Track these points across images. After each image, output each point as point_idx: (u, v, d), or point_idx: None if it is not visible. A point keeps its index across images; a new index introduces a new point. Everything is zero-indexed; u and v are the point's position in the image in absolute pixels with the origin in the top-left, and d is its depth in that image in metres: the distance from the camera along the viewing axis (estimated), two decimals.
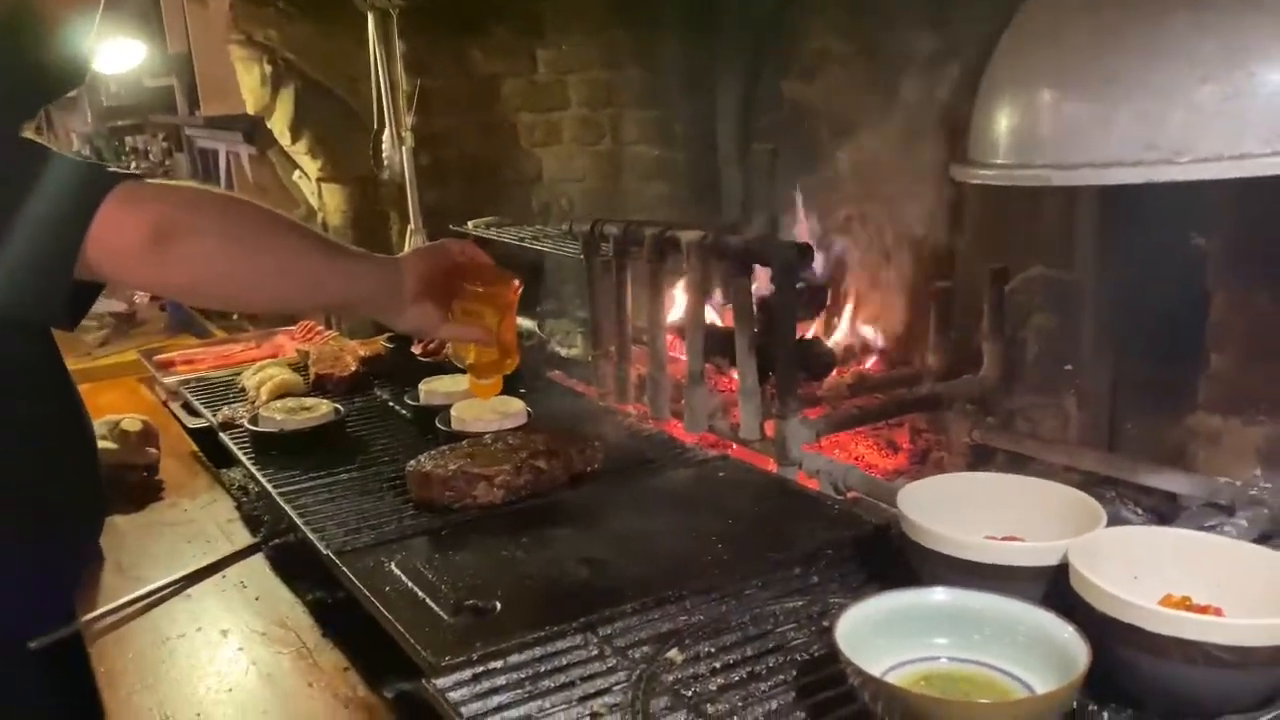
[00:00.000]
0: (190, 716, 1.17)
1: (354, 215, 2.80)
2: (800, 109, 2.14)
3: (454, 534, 1.36)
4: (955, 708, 0.83)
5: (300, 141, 2.70)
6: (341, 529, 1.39)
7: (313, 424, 1.72)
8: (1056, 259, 1.69)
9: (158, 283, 1.32)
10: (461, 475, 1.43)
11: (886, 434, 1.83)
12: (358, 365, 2.09)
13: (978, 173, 0.99)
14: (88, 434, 1.46)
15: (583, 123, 2.73)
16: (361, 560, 1.28)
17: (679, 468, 1.58)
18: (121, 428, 1.80)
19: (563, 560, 1.28)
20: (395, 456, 1.68)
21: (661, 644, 1.06)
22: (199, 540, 1.65)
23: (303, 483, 1.58)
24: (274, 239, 1.18)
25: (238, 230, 1.16)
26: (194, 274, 1.15)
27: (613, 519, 1.39)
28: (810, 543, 1.27)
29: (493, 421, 1.66)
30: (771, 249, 1.47)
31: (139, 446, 1.82)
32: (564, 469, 1.49)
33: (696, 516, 1.38)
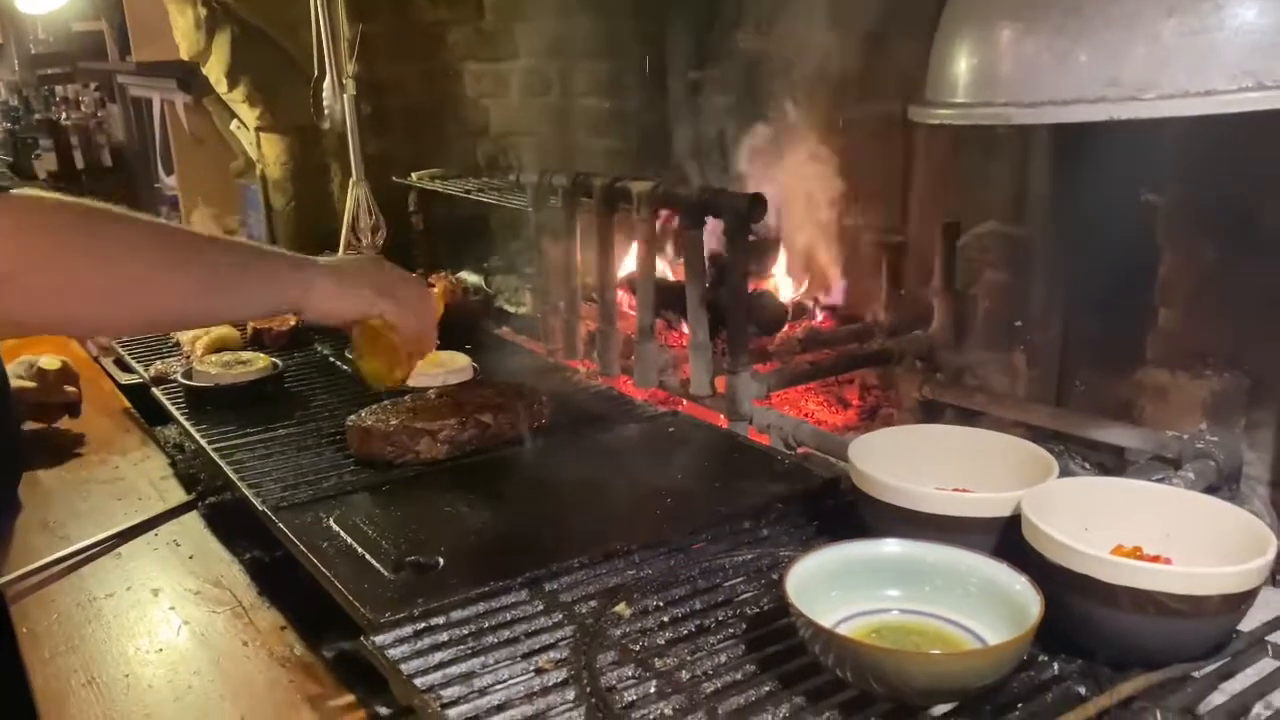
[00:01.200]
0: (117, 678, 1.13)
1: (294, 167, 2.71)
2: (753, 60, 2.10)
3: (395, 490, 1.32)
4: (906, 658, 0.82)
5: (237, 89, 2.61)
6: (279, 485, 1.34)
7: (249, 378, 1.67)
8: (1008, 214, 1.68)
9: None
10: (404, 430, 1.38)
11: (836, 390, 1.81)
12: (296, 319, 2.03)
13: (936, 113, 0.96)
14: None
15: (531, 73, 2.66)
16: (299, 516, 1.24)
17: (628, 423, 1.55)
18: (39, 366, 1.74)
19: (508, 516, 1.24)
20: (335, 412, 1.63)
21: (609, 599, 1.03)
22: (130, 498, 1.59)
23: (238, 439, 1.52)
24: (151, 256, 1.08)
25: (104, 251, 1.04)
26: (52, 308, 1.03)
27: (560, 475, 1.36)
28: (760, 497, 1.25)
29: (437, 376, 1.62)
30: (723, 200, 1.43)
31: (57, 385, 1.76)
32: (510, 424, 1.45)
33: (645, 472, 1.35)
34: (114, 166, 5.34)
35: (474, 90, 2.72)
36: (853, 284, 1.85)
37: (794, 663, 0.90)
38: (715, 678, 0.89)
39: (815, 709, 0.84)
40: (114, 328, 1.63)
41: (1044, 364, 1.67)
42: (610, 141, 2.55)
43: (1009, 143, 1.66)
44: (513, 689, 0.88)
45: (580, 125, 2.63)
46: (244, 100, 2.62)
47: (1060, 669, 0.89)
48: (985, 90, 0.86)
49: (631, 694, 0.87)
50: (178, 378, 1.70)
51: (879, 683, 0.82)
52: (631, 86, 2.46)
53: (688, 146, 2.34)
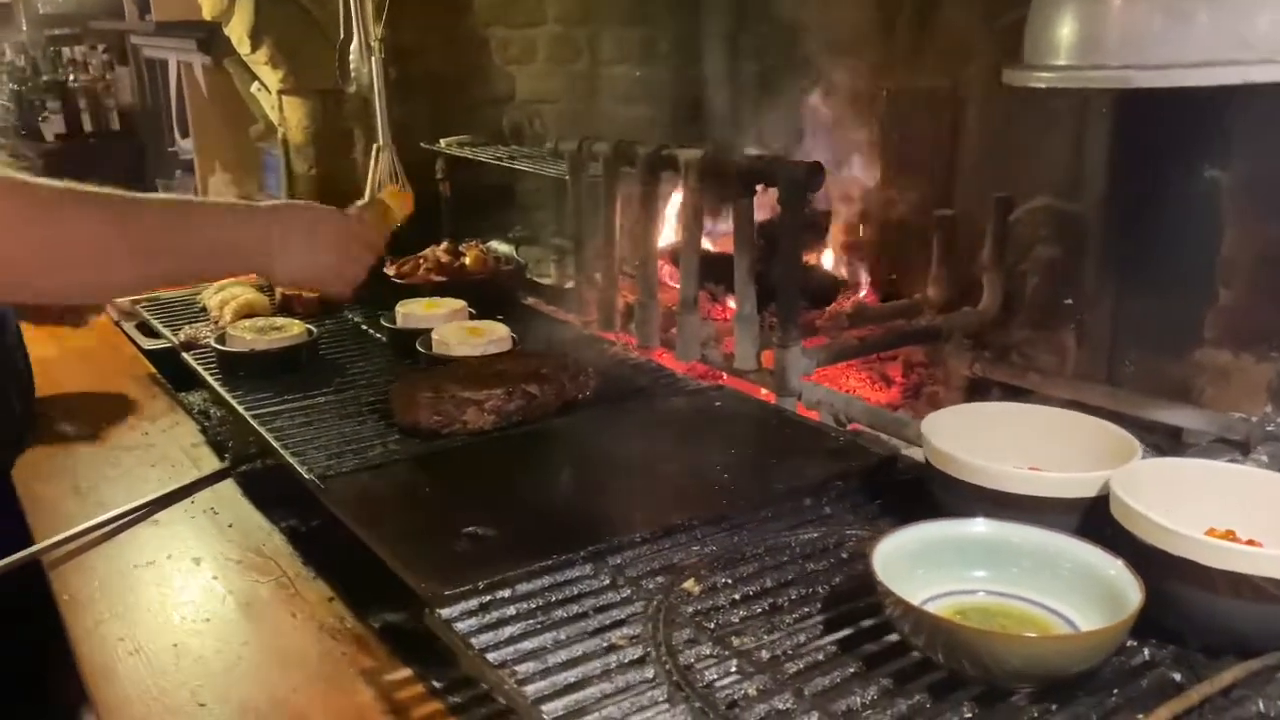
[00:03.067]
0: (165, 647, 1.10)
1: (316, 131, 2.66)
2: (793, 28, 2.06)
3: (443, 460, 1.29)
4: (1003, 640, 0.79)
5: (260, 50, 2.55)
6: (323, 454, 1.31)
7: (284, 344, 1.63)
8: (1062, 189, 1.64)
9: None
10: (450, 399, 1.35)
11: (878, 367, 1.78)
12: None
13: (1039, 75, 0.92)
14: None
15: (559, 40, 2.61)
16: (348, 486, 1.21)
17: (672, 396, 1.52)
18: None
19: (560, 488, 1.22)
20: (373, 380, 1.60)
21: (675, 575, 1.00)
22: (163, 465, 1.57)
23: (276, 406, 1.49)
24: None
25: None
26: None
27: (609, 447, 1.33)
28: (818, 473, 1.22)
29: (478, 345, 1.59)
30: (779, 168, 1.39)
31: None
32: (556, 395, 1.42)
33: (696, 446, 1.32)
34: (123, 129, 5.28)
35: (500, 56, 2.67)
36: (899, 259, 1.81)
37: (876, 643, 0.87)
38: (797, 658, 0.87)
39: (904, 690, 0.82)
40: (54, 296, 1.56)
41: (1094, 343, 1.64)
42: (640, 110, 2.51)
43: (1065, 116, 1.63)
44: (588, 666, 0.86)
45: (608, 93, 2.58)
46: (266, 62, 2.57)
47: (1151, 654, 0.87)
48: (1096, 52, 0.82)
49: (712, 673, 0.85)
50: (210, 343, 1.67)
51: (973, 665, 0.79)
52: (663, 54, 2.42)
53: (722, 116, 2.30)
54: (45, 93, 5.18)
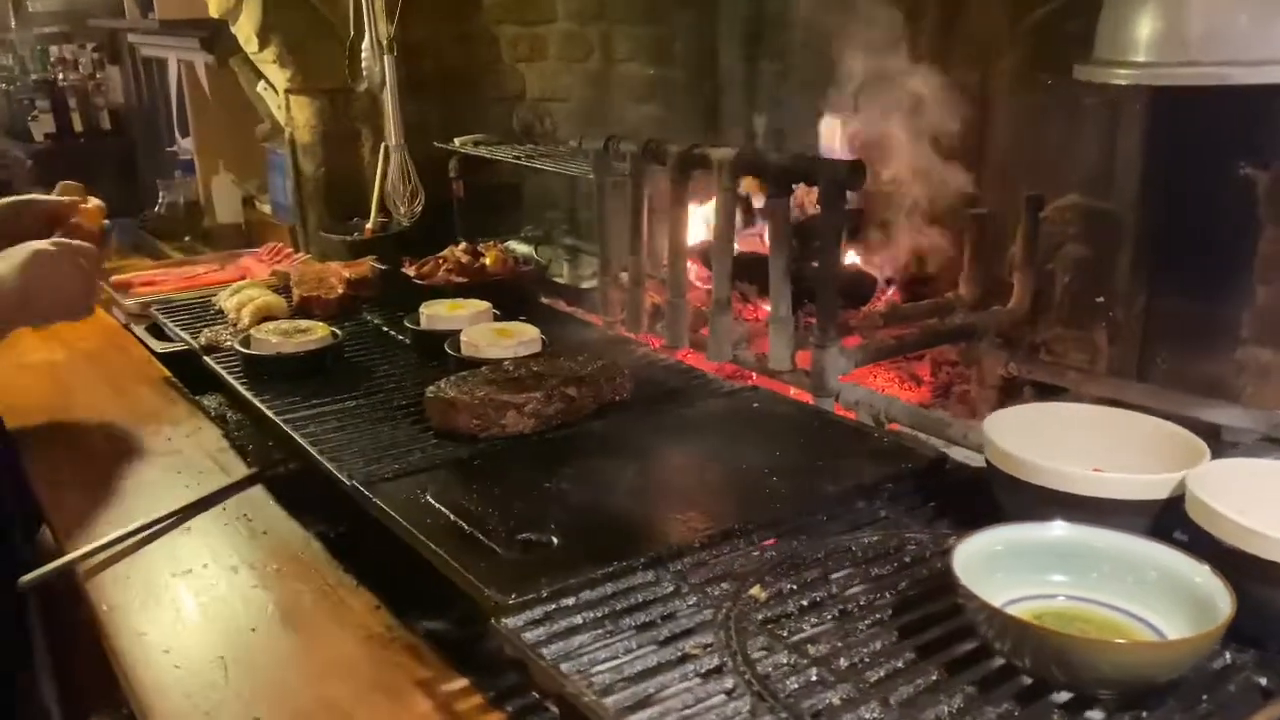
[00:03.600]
0: (211, 659, 1.08)
1: (324, 131, 2.64)
2: (812, 26, 2.04)
3: (486, 464, 1.27)
4: (1094, 647, 0.78)
5: (268, 49, 2.52)
6: (361, 460, 1.29)
7: (310, 348, 1.61)
8: (1093, 187, 1.64)
9: None
10: (489, 402, 1.33)
11: (907, 366, 1.77)
12: (344, 287, 1.97)
13: (1119, 73, 0.91)
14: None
15: (570, 38, 2.59)
16: (393, 492, 1.18)
17: (708, 398, 1.50)
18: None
19: (609, 492, 1.20)
20: (401, 383, 1.58)
21: (739, 581, 0.99)
22: (189, 471, 1.54)
23: (306, 410, 1.47)
24: None
25: None
26: None
27: (652, 450, 1.31)
28: (868, 475, 1.21)
29: (508, 347, 1.57)
30: (819, 166, 1.38)
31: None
32: (593, 398, 1.41)
33: (740, 448, 1.30)
34: (114, 129, 5.22)
35: (510, 55, 2.65)
36: (929, 257, 1.80)
37: (956, 649, 0.86)
38: (876, 665, 0.85)
39: (990, 698, 0.80)
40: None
41: (1126, 341, 1.63)
42: (653, 109, 2.49)
43: (1096, 113, 1.62)
44: (665, 676, 0.84)
45: (621, 92, 2.56)
46: (274, 61, 2.54)
47: (1233, 658, 0.86)
48: (1184, 49, 0.81)
49: (792, 682, 0.83)
50: (235, 346, 1.64)
51: (1061, 671, 0.78)
52: (677, 52, 2.40)
53: (738, 114, 2.28)
54: (34, 92, 5.13)
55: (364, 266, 2.06)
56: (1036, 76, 1.69)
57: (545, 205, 2.75)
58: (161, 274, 2.50)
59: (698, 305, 1.72)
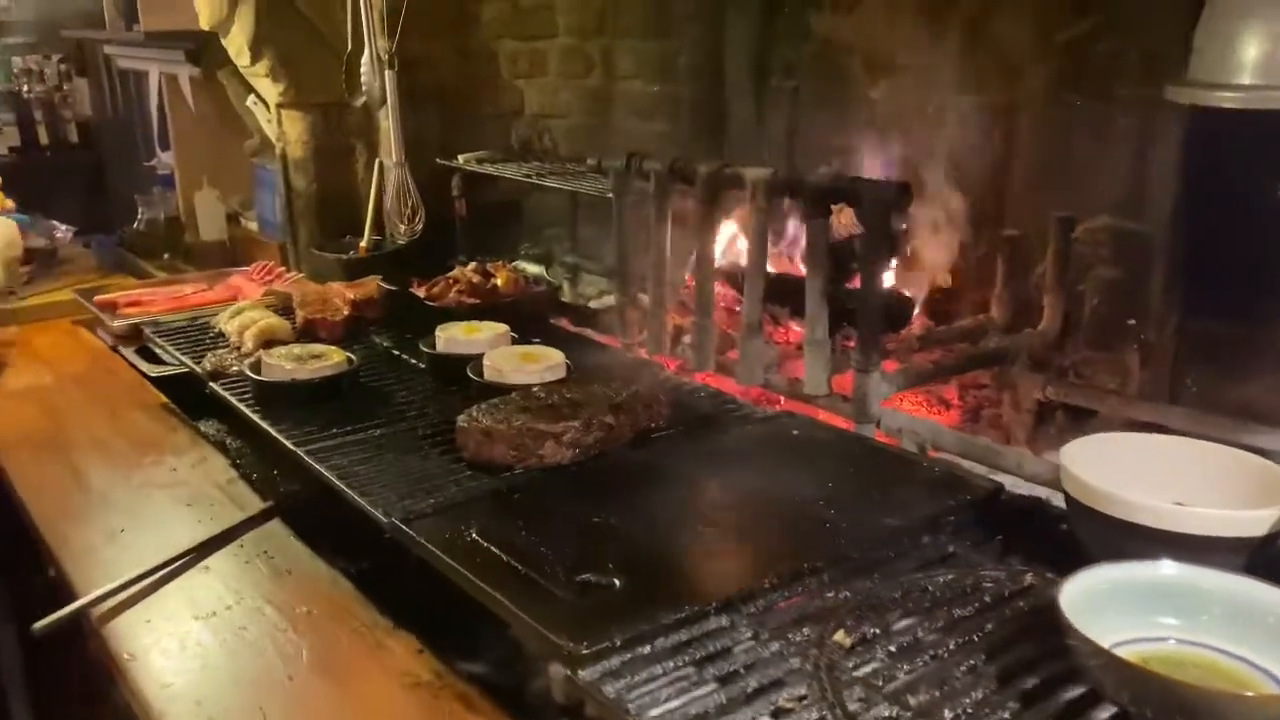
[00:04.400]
0: (248, 709, 1.01)
1: (317, 147, 2.56)
2: (831, 44, 2.01)
3: (527, 498, 1.22)
4: (1231, 701, 0.74)
5: (260, 62, 2.45)
6: (395, 494, 1.23)
7: (325, 374, 1.54)
8: (1125, 208, 1.61)
9: None
10: (527, 432, 1.28)
11: (935, 390, 1.73)
12: (349, 309, 1.90)
13: (1223, 95, 0.88)
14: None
15: (570, 53, 2.54)
16: (435, 529, 1.12)
17: (743, 424, 1.46)
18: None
19: (662, 527, 1.14)
20: (423, 410, 1.52)
21: (818, 625, 0.94)
22: (200, 504, 1.46)
23: (327, 440, 1.40)
24: None
25: None
26: None
27: (698, 480, 1.27)
28: (926, 508, 1.16)
29: (534, 372, 1.51)
30: (864, 187, 1.34)
31: None
32: (631, 426, 1.36)
33: (788, 478, 1.26)
34: (81, 142, 5.09)
35: (509, 70, 2.59)
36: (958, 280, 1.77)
37: (1061, 696, 0.82)
38: (982, 717, 0.81)
39: None
40: None
41: (1158, 363, 1.60)
42: (657, 125, 2.44)
43: (1129, 133, 1.59)
44: None
45: (623, 108, 2.52)
46: (267, 74, 2.47)
47: None
48: None
49: None
50: (244, 371, 1.57)
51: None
52: (683, 69, 2.36)
53: (748, 134, 2.24)
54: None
55: (370, 286, 1.99)
56: (1065, 96, 1.67)
57: (544, 224, 2.70)
58: (148, 294, 2.42)
59: (722, 327, 1.67)
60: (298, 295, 1.95)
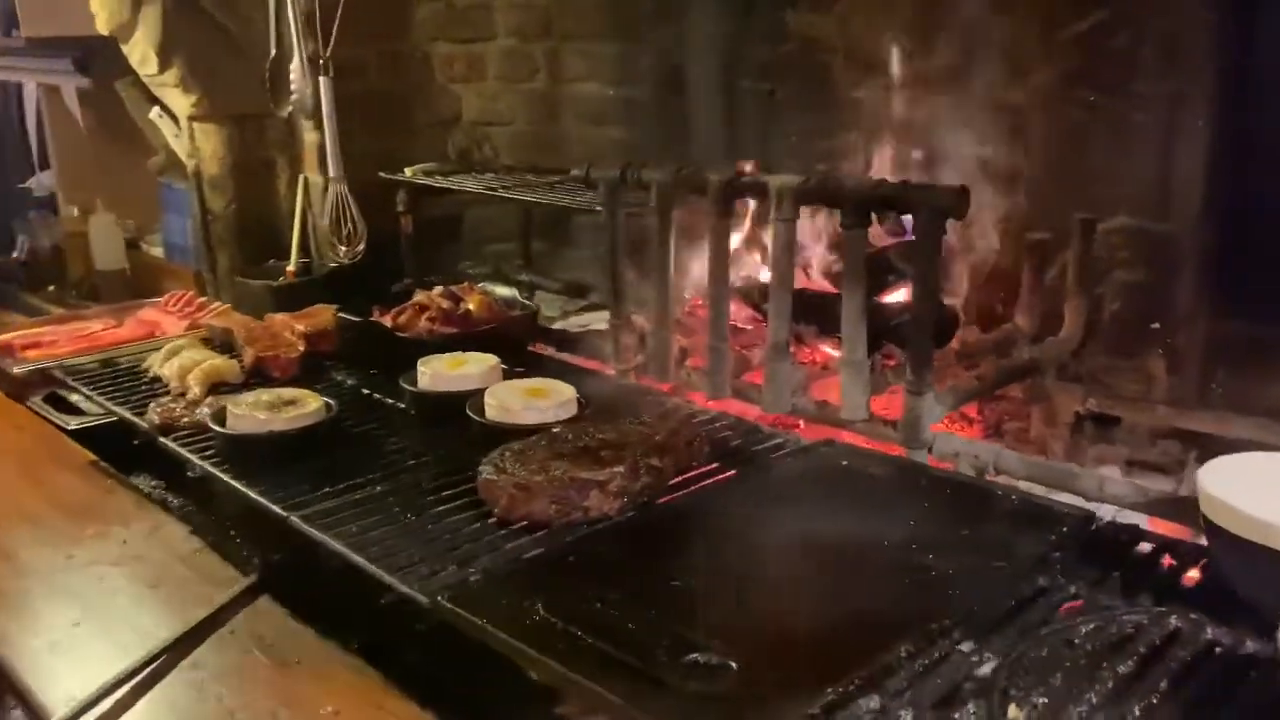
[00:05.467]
0: None
1: (234, 163, 2.32)
2: (810, 43, 1.91)
3: (584, 560, 1.06)
4: None
5: (169, 71, 2.20)
6: (425, 566, 1.05)
7: (306, 423, 1.34)
8: (1146, 208, 1.56)
9: None
10: (570, 482, 1.12)
11: None
12: (303, 344, 1.70)
13: None
14: None
15: (511, 56, 2.38)
16: (490, 607, 0.96)
17: (786, 458, 1.33)
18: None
19: (752, 587, 1.01)
20: (420, 458, 1.34)
21: (981, 698, 0.82)
22: (167, 584, 1.25)
23: (322, 502, 1.21)
24: None
25: None
26: None
27: (766, 528, 1.13)
28: (1027, 544, 1.06)
29: (546, 409, 1.35)
30: (915, 194, 1.23)
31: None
32: (674, 467, 1.21)
33: (864, 520, 1.14)
34: None
35: (444, 74, 2.41)
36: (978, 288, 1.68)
37: None
38: None
39: None
40: None
41: (1185, 368, 1.55)
42: (613, 132, 2.30)
43: (1148, 131, 1.54)
44: None
45: (573, 114, 2.37)
46: (176, 84, 2.22)
47: None
48: None
49: None
50: (208, 423, 1.36)
51: None
52: (643, 72, 2.22)
53: (711, 138, 2.12)
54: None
55: (323, 316, 1.79)
56: (1077, 93, 1.60)
57: (486, 240, 2.52)
58: (47, 333, 2.14)
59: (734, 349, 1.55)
60: (241, 330, 1.73)
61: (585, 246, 2.45)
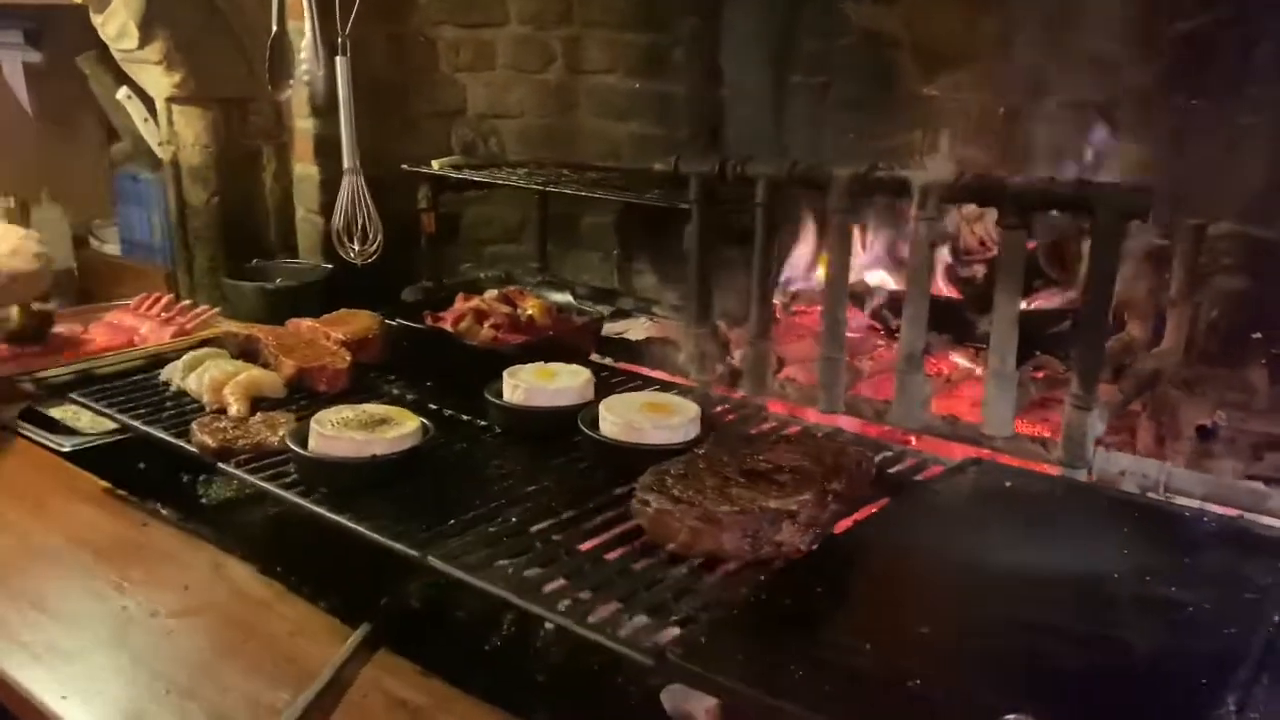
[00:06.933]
0: None
1: (219, 151, 2.10)
2: (873, 37, 1.82)
3: (804, 604, 0.92)
4: None
5: (151, 46, 1.96)
6: (624, 614, 0.90)
7: (409, 444, 1.17)
8: (1253, 214, 1.51)
9: None
10: (761, 514, 0.98)
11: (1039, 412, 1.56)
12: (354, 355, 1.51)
13: None
14: None
15: (524, 44, 2.21)
16: (736, 665, 0.81)
17: (938, 480, 1.22)
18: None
19: (1004, 633, 0.89)
20: (538, 483, 1.18)
21: None
22: (258, 637, 1.06)
23: (449, 538, 1.04)
24: None
25: None
26: None
27: (977, 562, 1.01)
28: (1261, 574, 0.97)
29: (677, 427, 1.21)
30: (1094, 193, 1.14)
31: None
32: (852, 493, 1.09)
33: (1068, 548, 1.04)
34: None
35: (449, 62, 2.23)
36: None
37: None
38: None
39: None
40: None
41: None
42: (636, 127, 2.17)
43: (1256, 135, 1.49)
44: None
45: (592, 107, 2.22)
46: (159, 61, 1.98)
47: None
48: None
49: None
50: (290, 446, 1.16)
51: None
52: (670, 63, 2.10)
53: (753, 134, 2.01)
54: None
55: (361, 322, 1.60)
56: (1178, 94, 1.55)
57: (484, 241, 2.35)
58: None
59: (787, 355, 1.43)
60: (271, 339, 1.53)
61: (595, 248, 2.31)
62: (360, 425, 1.16)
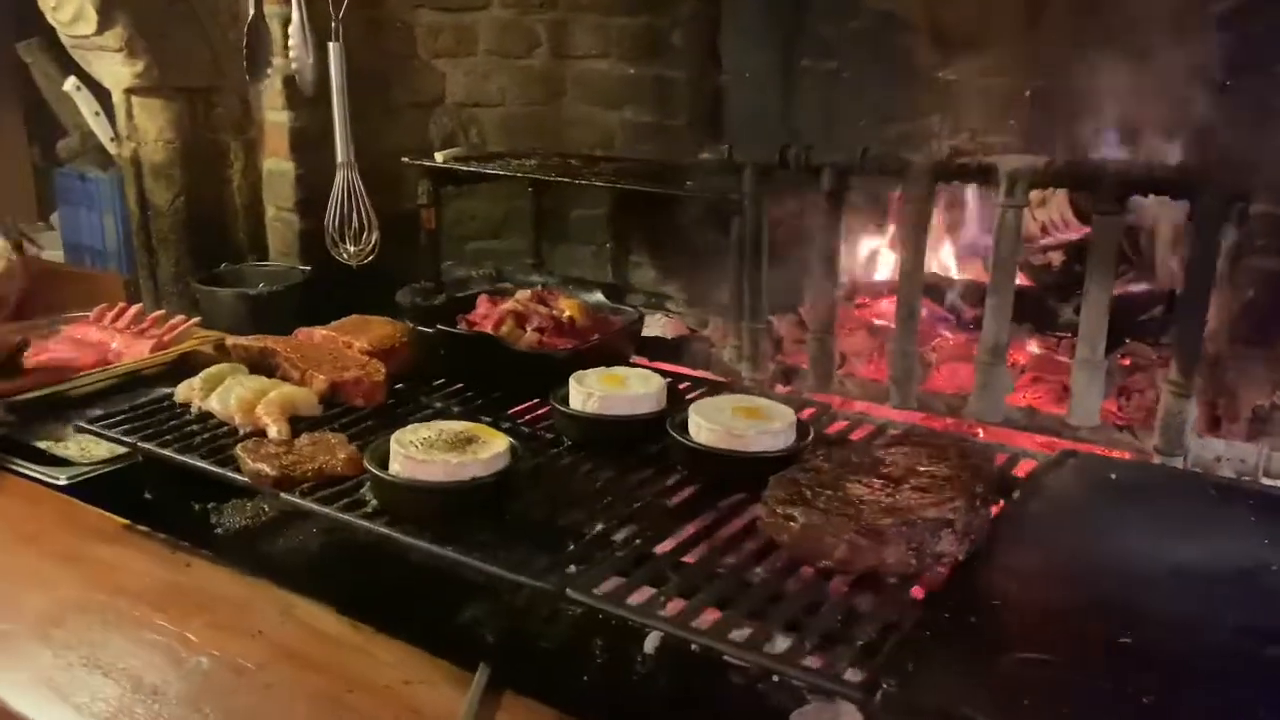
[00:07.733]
0: None
1: (183, 146, 1.93)
2: (887, 20, 1.78)
3: (989, 622, 0.87)
4: None
5: (110, 32, 1.78)
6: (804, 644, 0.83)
7: (500, 466, 1.07)
8: None
9: None
10: (922, 525, 0.93)
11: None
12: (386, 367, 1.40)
13: None
14: None
15: (506, 28, 2.10)
16: (954, 698, 0.76)
17: (1039, 474, 1.18)
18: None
19: (1212, 642, 0.86)
20: (640, 498, 1.10)
21: None
22: (363, 688, 0.96)
23: (572, 570, 0.95)
24: None
25: None
26: None
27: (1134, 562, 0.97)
28: None
29: (778, 433, 1.14)
30: (1200, 178, 1.12)
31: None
32: (987, 498, 1.04)
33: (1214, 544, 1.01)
34: None
35: (427, 48, 2.10)
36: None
37: None
38: None
39: None
40: None
41: None
42: (628, 115, 2.09)
43: None
44: None
45: (580, 94, 2.13)
46: (120, 48, 1.79)
47: None
48: None
49: None
50: (373, 471, 1.05)
51: None
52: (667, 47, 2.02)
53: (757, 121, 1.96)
54: None
55: (383, 330, 1.48)
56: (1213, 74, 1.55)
57: (466, 237, 2.23)
58: None
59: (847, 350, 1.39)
60: (289, 351, 1.41)
61: (586, 241, 2.22)
62: (448, 446, 1.06)
